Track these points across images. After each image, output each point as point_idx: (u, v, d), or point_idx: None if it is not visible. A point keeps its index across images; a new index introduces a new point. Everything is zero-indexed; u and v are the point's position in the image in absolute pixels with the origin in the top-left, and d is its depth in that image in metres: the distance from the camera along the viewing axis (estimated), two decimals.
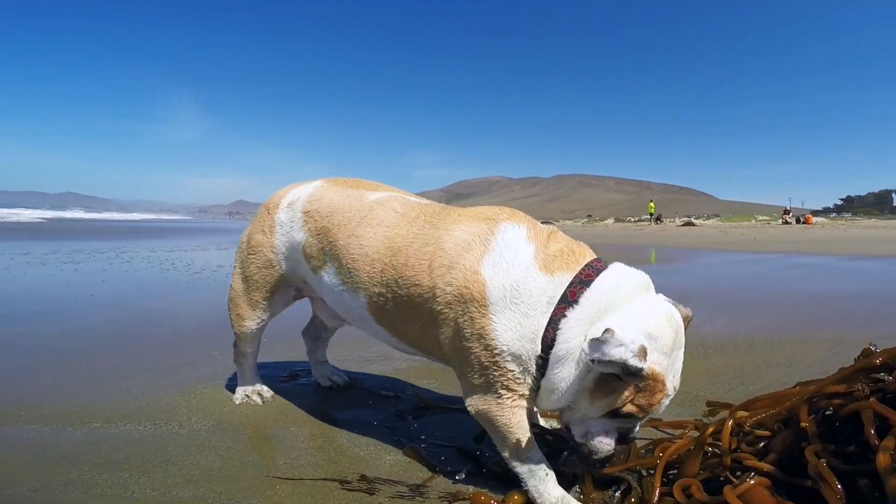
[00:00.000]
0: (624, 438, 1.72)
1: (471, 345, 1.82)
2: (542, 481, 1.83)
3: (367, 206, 2.28)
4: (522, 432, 1.83)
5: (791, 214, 49.54)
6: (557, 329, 1.68)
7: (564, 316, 1.67)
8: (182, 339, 4.28)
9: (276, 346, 3.81)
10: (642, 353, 1.48)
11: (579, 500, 1.82)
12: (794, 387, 1.81)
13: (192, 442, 2.41)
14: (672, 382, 1.62)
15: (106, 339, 4.27)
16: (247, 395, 2.86)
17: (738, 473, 1.54)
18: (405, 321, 2.08)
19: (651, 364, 1.53)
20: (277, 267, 2.56)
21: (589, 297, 1.67)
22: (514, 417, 1.83)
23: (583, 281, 1.71)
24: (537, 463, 1.84)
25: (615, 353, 1.45)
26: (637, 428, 1.73)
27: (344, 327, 3.00)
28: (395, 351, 2.38)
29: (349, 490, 2.01)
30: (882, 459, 1.13)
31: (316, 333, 3.12)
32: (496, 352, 1.77)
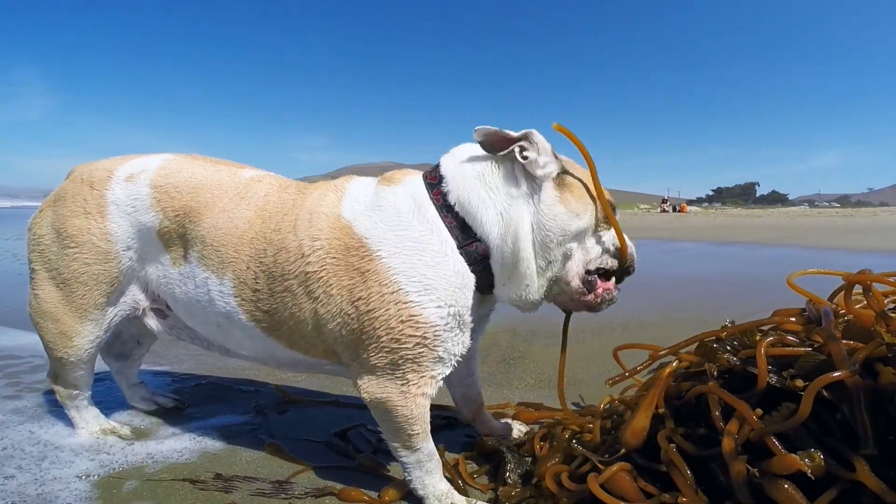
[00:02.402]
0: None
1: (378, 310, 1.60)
2: (429, 473, 1.73)
3: (243, 182, 1.97)
4: (421, 424, 1.67)
5: (668, 203, 53.35)
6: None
7: None
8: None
9: None
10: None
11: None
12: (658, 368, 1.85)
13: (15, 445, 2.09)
14: None
15: None
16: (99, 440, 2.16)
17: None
18: (280, 306, 1.77)
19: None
20: (116, 261, 1.98)
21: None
22: (416, 409, 1.64)
23: None
24: (427, 454, 1.72)
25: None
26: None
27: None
28: None
29: (202, 489, 1.83)
30: (727, 444, 1.14)
31: (124, 351, 2.46)
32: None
